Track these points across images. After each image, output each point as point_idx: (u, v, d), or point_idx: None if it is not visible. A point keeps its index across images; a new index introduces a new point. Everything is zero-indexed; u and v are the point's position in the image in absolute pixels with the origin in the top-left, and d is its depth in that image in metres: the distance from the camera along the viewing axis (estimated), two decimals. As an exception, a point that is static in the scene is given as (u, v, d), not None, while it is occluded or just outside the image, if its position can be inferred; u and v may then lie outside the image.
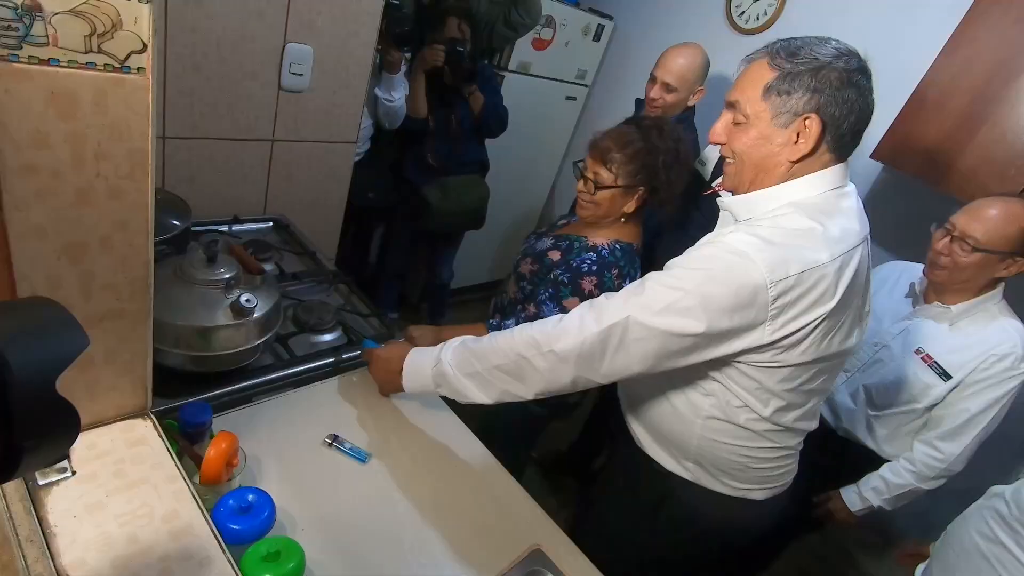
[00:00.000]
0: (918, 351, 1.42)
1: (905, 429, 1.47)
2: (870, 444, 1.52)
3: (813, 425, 1.06)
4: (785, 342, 0.86)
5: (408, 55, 1.98)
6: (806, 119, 0.85)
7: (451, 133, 2.15)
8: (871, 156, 2.00)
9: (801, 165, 0.89)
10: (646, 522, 1.18)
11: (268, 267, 1.43)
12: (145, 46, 0.53)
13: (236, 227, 1.57)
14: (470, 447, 1.13)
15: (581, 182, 1.29)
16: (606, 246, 1.28)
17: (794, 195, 0.89)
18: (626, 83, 2.90)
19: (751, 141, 0.90)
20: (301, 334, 1.28)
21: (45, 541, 0.60)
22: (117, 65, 0.53)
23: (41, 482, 0.65)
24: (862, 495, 1.48)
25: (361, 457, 1.02)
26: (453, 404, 1.19)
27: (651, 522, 1.17)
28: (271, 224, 1.68)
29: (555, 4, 2.50)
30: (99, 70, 0.52)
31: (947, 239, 1.33)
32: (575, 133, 3.15)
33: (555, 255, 1.32)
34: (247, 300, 1.03)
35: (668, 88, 1.79)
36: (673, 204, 1.31)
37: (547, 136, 3.03)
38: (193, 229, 1.33)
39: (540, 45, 2.58)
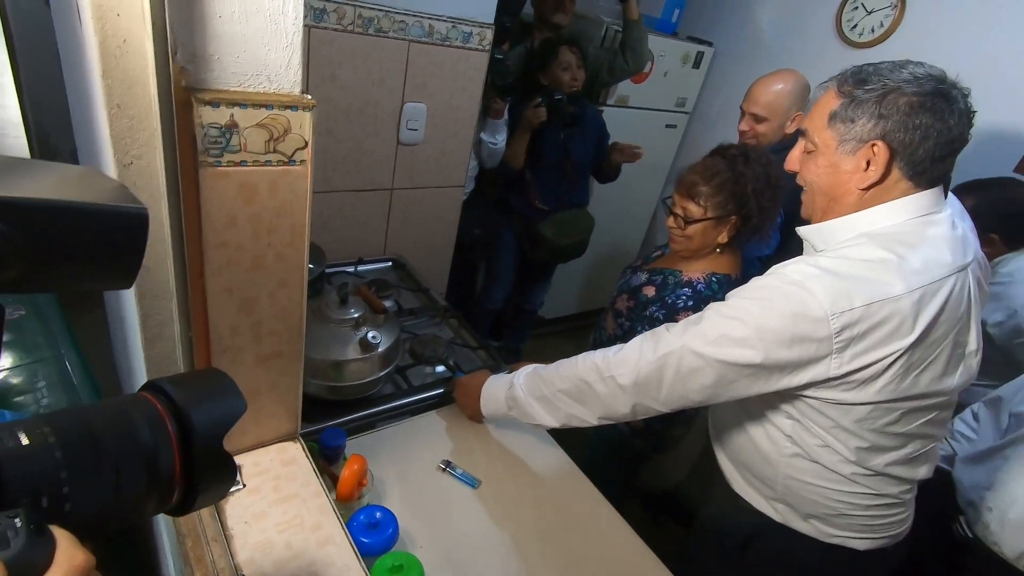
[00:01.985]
0: None
1: None
2: None
3: (921, 473, 0.98)
4: (856, 376, 0.83)
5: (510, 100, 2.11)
6: (873, 146, 0.83)
7: (567, 176, 2.25)
8: (1015, 171, 1.81)
9: (874, 193, 0.86)
10: (733, 562, 1.14)
11: (388, 303, 1.59)
12: (307, 143, 0.67)
13: (361, 267, 1.76)
14: (573, 479, 1.17)
15: (671, 218, 1.30)
16: (701, 280, 1.27)
17: (871, 224, 0.87)
18: (730, 106, 2.84)
19: (820, 169, 0.90)
20: (417, 365, 1.41)
21: (226, 541, 0.74)
22: (286, 160, 0.67)
23: (221, 492, 0.80)
24: None
25: (471, 483, 1.11)
26: (557, 435, 1.24)
27: (738, 562, 1.14)
28: (390, 264, 1.86)
29: (653, 36, 2.54)
30: (273, 165, 0.66)
31: None
32: (676, 159, 3.13)
33: (650, 291, 1.33)
34: (373, 336, 1.17)
35: (757, 118, 1.75)
36: (768, 230, 1.28)
37: (646, 164, 3.03)
38: (325, 271, 1.52)
39: (639, 79, 2.62)
